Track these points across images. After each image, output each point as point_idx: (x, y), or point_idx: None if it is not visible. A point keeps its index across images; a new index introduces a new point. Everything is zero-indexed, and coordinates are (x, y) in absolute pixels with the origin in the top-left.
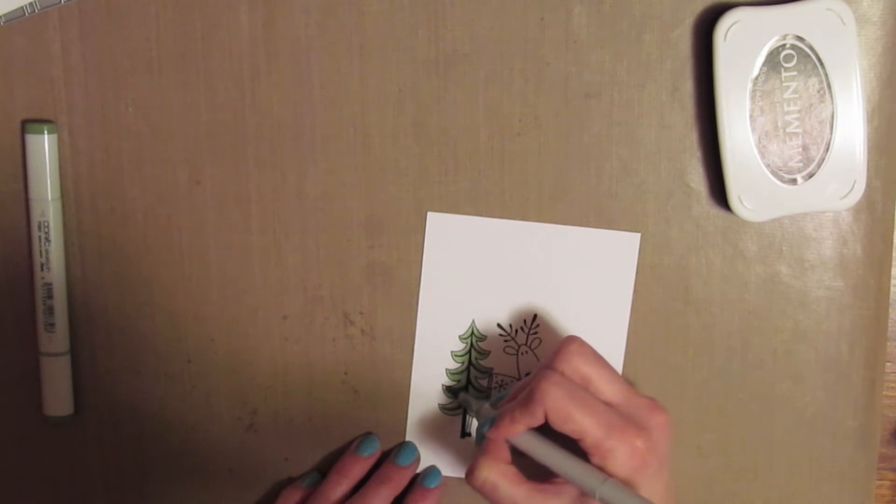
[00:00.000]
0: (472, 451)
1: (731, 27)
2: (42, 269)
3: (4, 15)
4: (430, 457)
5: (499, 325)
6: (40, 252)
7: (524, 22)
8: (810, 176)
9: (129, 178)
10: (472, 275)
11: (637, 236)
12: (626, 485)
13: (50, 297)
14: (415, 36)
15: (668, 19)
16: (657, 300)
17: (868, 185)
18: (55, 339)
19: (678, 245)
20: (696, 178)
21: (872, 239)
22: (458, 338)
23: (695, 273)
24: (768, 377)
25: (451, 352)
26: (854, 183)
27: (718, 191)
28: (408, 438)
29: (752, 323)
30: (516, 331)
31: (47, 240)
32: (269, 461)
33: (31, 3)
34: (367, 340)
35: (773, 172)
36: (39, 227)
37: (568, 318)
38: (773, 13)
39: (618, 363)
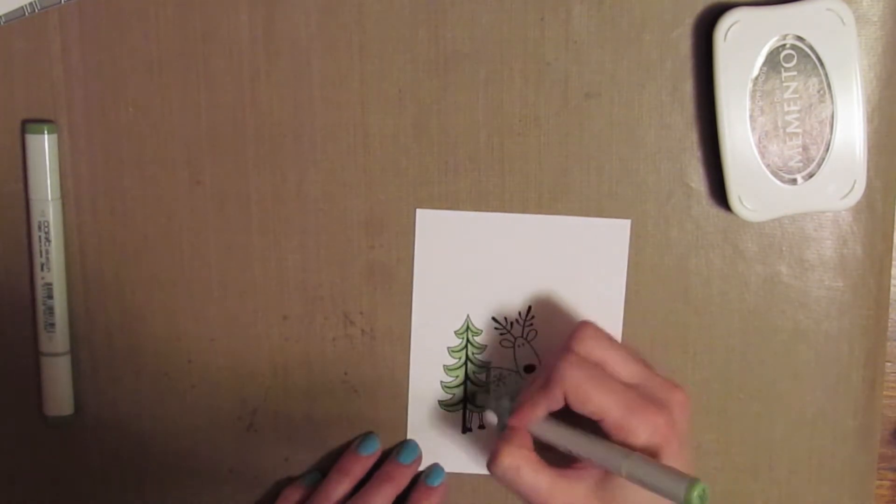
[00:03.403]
0: (494, 441)
1: (731, 27)
2: (42, 269)
3: (4, 15)
4: (431, 453)
5: (494, 319)
6: (40, 252)
7: (524, 22)
8: (810, 176)
9: (129, 178)
10: (465, 269)
11: (627, 223)
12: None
13: (50, 297)
14: (415, 36)
15: (668, 19)
16: (657, 300)
17: (868, 185)
18: (55, 339)
19: (678, 245)
20: (696, 178)
21: (872, 239)
22: (453, 333)
23: (695, 273)
24: (768, 377)
25: (448, 348)
26: (854, 183)
27: (718, 191)
28: (409, 436)
29: (752, 323)
30: (512, 323)
31: (47, 240)
32: (269, 461)
33: (31, 3)
34: (367, 340)
35: (773, 172)
36: (39, 227)
37: (563, 307)
38: (773, 13)
39: None
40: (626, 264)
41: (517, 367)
